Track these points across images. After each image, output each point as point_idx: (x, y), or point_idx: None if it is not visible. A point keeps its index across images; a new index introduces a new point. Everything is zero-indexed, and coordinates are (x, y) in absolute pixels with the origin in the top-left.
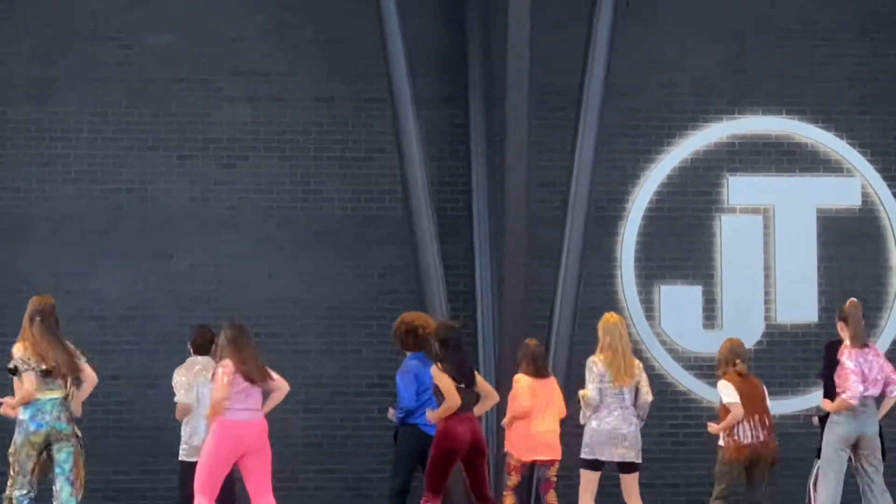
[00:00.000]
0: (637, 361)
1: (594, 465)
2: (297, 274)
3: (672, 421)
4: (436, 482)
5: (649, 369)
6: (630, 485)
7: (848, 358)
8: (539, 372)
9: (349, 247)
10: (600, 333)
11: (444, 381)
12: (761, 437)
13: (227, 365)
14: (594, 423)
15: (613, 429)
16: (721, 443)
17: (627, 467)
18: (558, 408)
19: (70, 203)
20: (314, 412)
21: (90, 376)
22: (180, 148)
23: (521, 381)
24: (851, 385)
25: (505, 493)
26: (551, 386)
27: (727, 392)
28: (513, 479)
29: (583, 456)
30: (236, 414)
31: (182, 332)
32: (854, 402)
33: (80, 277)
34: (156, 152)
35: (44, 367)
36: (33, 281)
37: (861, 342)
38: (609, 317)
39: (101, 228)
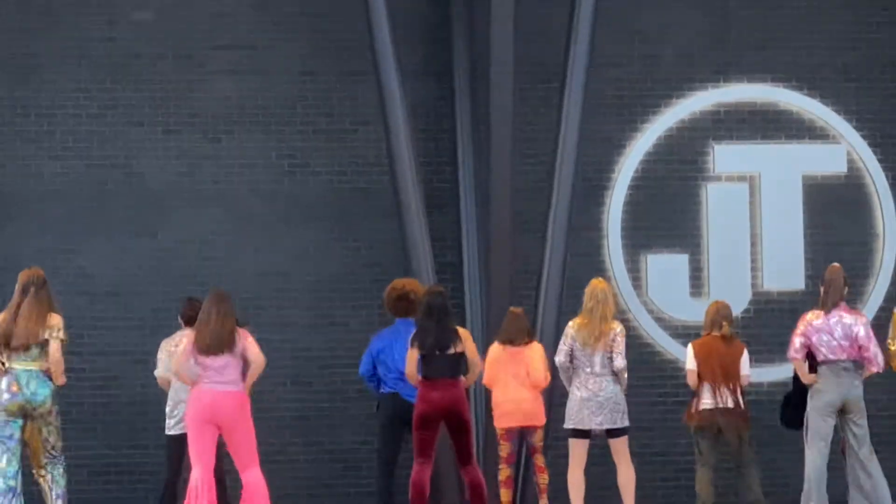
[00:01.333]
0: (617, 328)
1: (576, 433)
2: (283, 248)
3: (660, 389)
4: (416, 447)
5: (636, 338)
6: (617, 449)
7: (800, 322)
8: (509, 340)
9: (336, 220)
10: (584, 298)
11: (409, 349)
12: (729, 404)
13: (189, 336)
14: (574, 391)
15: (589, 397)
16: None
17: (613, 432)
18: (528, 376)
19: (55, 180)
20: (302, 385)
21: (51, 354)
22: (165, 123)
23: (490, 350)
24: (789, 349)
25: (500, 465)
26: (522, 354)
27: (688, 357)
28: (501, 449)
29: (565, 425)
30: (208, 385)
31: (168, 307)
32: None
33: (66, 254)
34: (140, 128)
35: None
36: (19, 258)
37: (827, 307)
38: (594, 282)
39: (87, 205)
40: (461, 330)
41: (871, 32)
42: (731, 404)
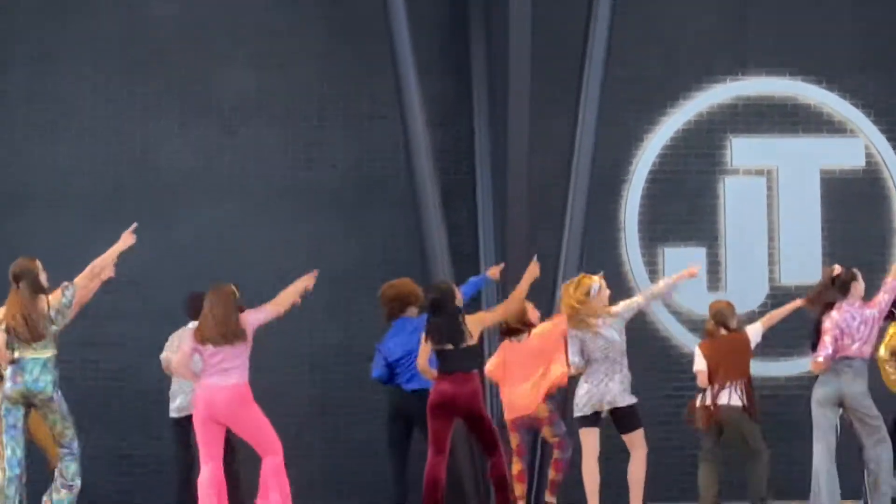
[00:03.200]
0: (607, 312)
1: (584, 422)
2: (300, 239)
3: (676, 383)
4: (430, 438)
5: (653, 332)
6: (632, 442)
7: (832, 314)
8: (512, 334)
9: (352, 211)
10: None
11: (421, 344)
12: (732, 402)
13: (191, 330)
14: (581, 383)
15: (591, 390)
16: None
17: (623, 423)
18: (530, 369)
19: (71, 172)
20: (319, 375)
21: (79, 283)
22: (182, 115)
23: (499, 347)
24: (821, 348)
25: (512, 458)
26: (527, 348)
27: (696, 359)
28: (511, 439)
29: (574, 416)
30: (206, 378)
31: (185, 299)
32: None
33: (82, 246)
34: (157, 121)
35: (3, 327)
36: (35, 249)
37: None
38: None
39: (103, 197)
40: (468, 318)
41: (891, 26)
42: (734, 402)
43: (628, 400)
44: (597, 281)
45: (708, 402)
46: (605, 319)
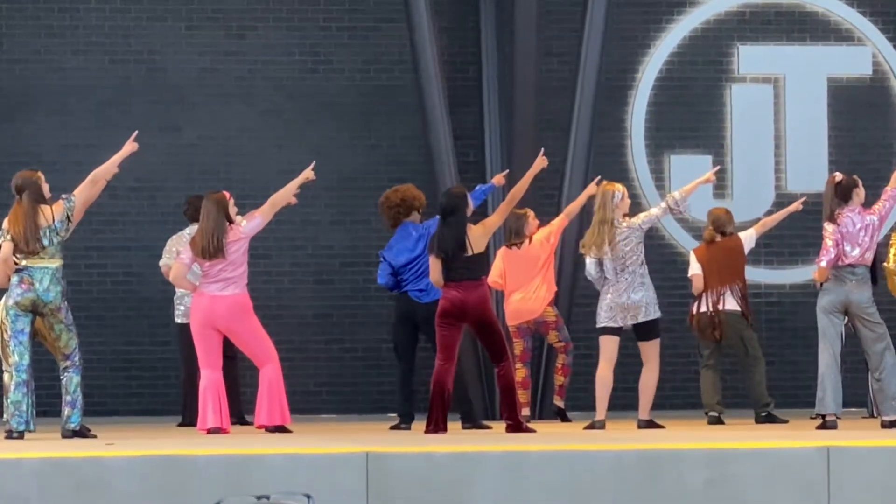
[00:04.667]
0: (625, 223)
1: (606, 330)
2: (306, 145)
3: (682, 290)
4: (438, 344)
5: (659, 238)
6: (646, 352)
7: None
8: (511, 241)
9: (358, 117)
10: None
11: (430, 256)
12: (729, 306)
13: (189, 237)
14: (603, 295)
15: (613, 305)
16: None
17: (643, 332)
18: (532, 274)
19: (78, 75)
20: (324, 283)
21: (79, 195)
22: (188, 19)
23: (497, 254)
24: (823, 253)
25: (516, 364)
26: (525, 254)
27: (691, 263)
28: (515, 346)
29: (596, 325)
30: (204, 287)
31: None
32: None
33: (89, 149)
34: (164, 23)
35: (9, 236)
36: (41, 153)
37: (825, 218)
38: (601, 186)
39: (110, 100)
40: (472, 227)
41: None
42: (731, 306)
43: (652, 314)
44: (619, 189)
45: (704, 308)
46: (622, 230)
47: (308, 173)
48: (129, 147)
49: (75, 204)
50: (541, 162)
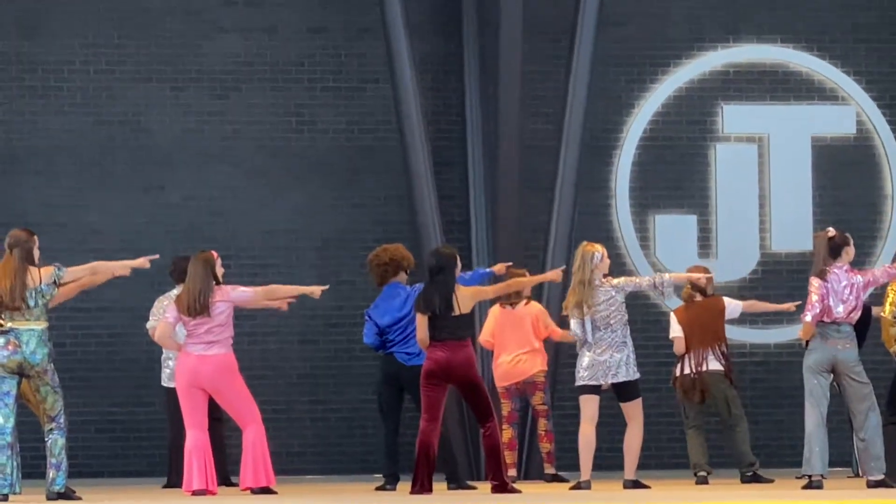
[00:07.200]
0: (608, 284)
1: (585, 389)
2: (290, 205)
3: (667, 350)
4: (423, 405)
5: (643, 298)
6: (629, 412)
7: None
8: (508, 301)
9: (343, 178)
10: None
11: (417, 314)
12: (712, 367)
13: (173, 303)
14: (584, 352)
15: (593, 364)
16: None
17: (623, 393)
18: (526, 335)
19: (63, 135)
20: (309, 343)
21: (72, 271)
22: (173, 79)
23: (490, 313)
24: (808, 308)
25: (503, 425)
26: (519, 315)
27: (672, 325)
28: (503, 407)
29: (575, 384)
30: (189, 347)
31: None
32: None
33: (74, 210)
34: (148, 84)
35: None
36: (27, 214)
37: (815, 273)
38: (580, 247)
39: (94, 160)
40: (461, 288)
41: None
42: (714, 366)
43: (631, 375)
44: (599, 249)
45: (687, 370)
46: (605, 289)
47: (316, 290)
48: (142, 262)
49: (63, 275)
50: (555, 275)
